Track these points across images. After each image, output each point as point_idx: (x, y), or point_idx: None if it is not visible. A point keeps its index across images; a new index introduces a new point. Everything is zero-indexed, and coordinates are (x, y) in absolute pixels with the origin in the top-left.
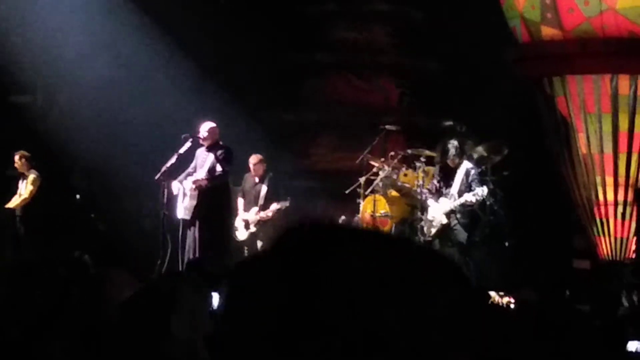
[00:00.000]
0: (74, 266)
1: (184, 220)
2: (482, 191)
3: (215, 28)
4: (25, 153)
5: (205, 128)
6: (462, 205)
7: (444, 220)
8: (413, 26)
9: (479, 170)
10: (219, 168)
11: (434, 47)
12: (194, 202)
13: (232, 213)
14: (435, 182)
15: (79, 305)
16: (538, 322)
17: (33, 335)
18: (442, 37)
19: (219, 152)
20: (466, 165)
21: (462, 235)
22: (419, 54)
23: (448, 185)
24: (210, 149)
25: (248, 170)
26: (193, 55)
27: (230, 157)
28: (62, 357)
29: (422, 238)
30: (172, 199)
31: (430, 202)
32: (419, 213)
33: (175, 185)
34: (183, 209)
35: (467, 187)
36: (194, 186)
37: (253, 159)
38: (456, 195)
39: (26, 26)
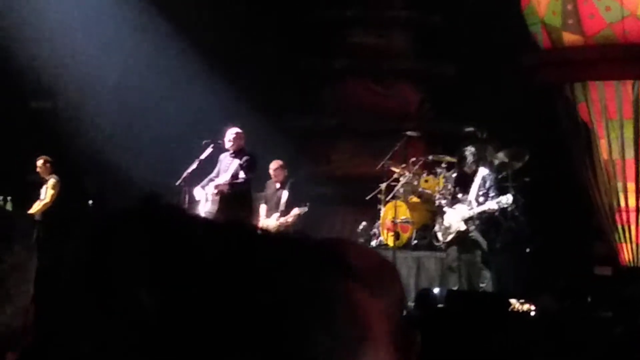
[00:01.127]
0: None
1: None
2: (506, 199)
3: (236, 33)
4: (48, 158)
5: (231, 133)
6: (482, 212)
7: (462, 227)
8: (432, 32)
9: (500, 176)
10: (242, 175)
11: (454, 53)
12: (216, 207)
13: (251, 220)
14: (450, 187)
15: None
16: (559, 329)
17: (50, 343)
18: (461, 42)
19: (244, 159)
20: (483, 172)
21: (481, 241)
22: (439, 59)
23: (465, 191)
24: (235, 154)
25: (269, 176)
26: (213, 61)
27: (255, 165)
28: None
29: (436, 244)
30: (193, 204)
31: (446, 208)
32: (439, 219)
33: (198, 191)
34: (204, 213)
35: (484, 194)
36: (215, 191)
37: (273, 165)
38: (474, 202)
39: (46, 32)
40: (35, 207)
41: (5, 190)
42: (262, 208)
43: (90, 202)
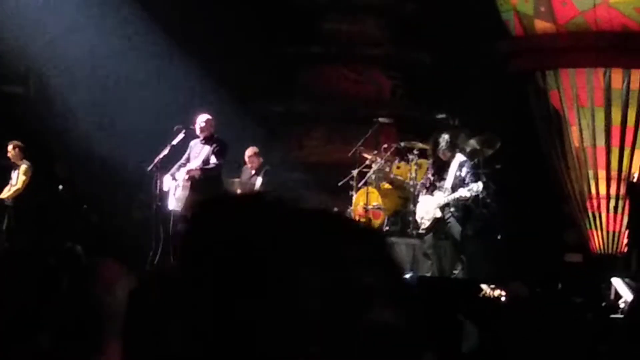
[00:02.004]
0: (65, 256)
1: (175, 211)
2: (477, 186)
3: (207, 19)
4: (19, 143)
5: (202, 119)
6: (456, 199)
7: (438, 214)
8: (406, 18)
9: (472, 163)
10: (213, 160)
11: (427, 40)
12: (186, 193)
13: None
14: (429, 175)
15: (67, 295)
16: (530, 314)
17: (20, 327)
18: (434, 29)
19: (215, 145)
20: (459, 158)
21: (456, 228)
22: (412, 46)
23: (442, 178)
24: (206, 140)
25: (244, 162)
26: (185, 47)
27: (225, 151)
28: (49, 348)
29: (414, 231)
30: (164, 190)
31: (424, 195)
32: (411, 206)
33: (167, 180)
34: (175, 201)
35: (461, 181)
36: (187, 176)
37: (248, 152)
38: (450, 189)
39: (18, 16)
40: (6, 193)
41: None
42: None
43: (60, 187)
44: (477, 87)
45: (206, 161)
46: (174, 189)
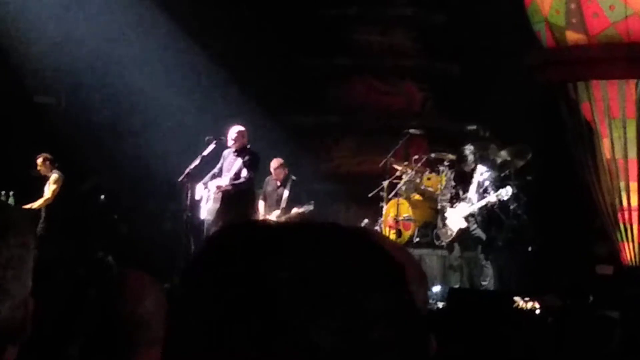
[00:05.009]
0: (96, 267)
1: (207, 221)
2: (505, 192)
3: (239, 31)
4: (48, 155)
5: (234, 131)
6: (481, 208)
7: (463, 225)
8: (436, 30)
9: (502, 174)
10: (244, 173)
11: (457, 51)
12: (217, 205)
13: (254, 217)
14: (451, 187)
15: (98, 305)
16: (561, 327)
17: (51, 337)
18: (464, 40)
19: (247, 157)
20: (481, 169)
21: (482, 238)
22: (442, 57)
23: (465, 190)
24: (238, 152)
25: (270, 173)
26: (217, 59)
27: (257, 163)
28: (80, 358)
29: (437, 242)
30: (195, 200)
31: (448, 207)
32: (439, 217)
33: (200, 189)
34: (206, 211)
35: (483, 190)
36: (217, 190)
37: (274, 163)
38: (474, 199)
39: (51, 27)
40: (38, 202)
41: (8, 185)
42: (261, 204)
43: (102, 197)
44: (507, 98)
45: (237, 174)
46: (206, 199)
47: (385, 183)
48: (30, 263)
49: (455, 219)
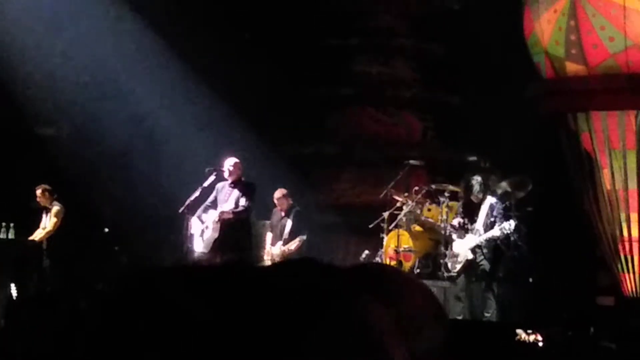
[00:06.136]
0: (97, 299)
1: (202, 253)
2: (508, 225)
3: (238, 61)
4: (47, 187)
5: (230, 163)
6: (488, 240)
7: (470, 256)
8: (436, 61)
9: (503, 205)
10: (243, 202)
11: (457, 82)
12: (215, 235)
13: (251, 247)
14: (459, 217)
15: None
16: (566, 358)
17: None
18: (465, 71)
19: (243, 188)
20: (490, 200)
21: (487, 270)
22: (442, 88)
23: (472, 220)
24: (234, 184)
25: (274, 204)
26: (216, 90)
27: (254, 193)
28: None
29: (446, 274)
30: (191, 233)
31: (455, 238)
32: (442, 248)
33: (195, 222)
34: (202, 242)
35: (492, 222)
36: (217, 219)
37: (276, 194)
38: (481, 231)
39: (52, 58)
40: (37, 235)
41: (8, 217)
42: (269, 236)
43: (106, 229)
44: (508, 129)
45: (236, 204)
46: (201, 232)
47: (386, 214)
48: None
49: (463, 250)
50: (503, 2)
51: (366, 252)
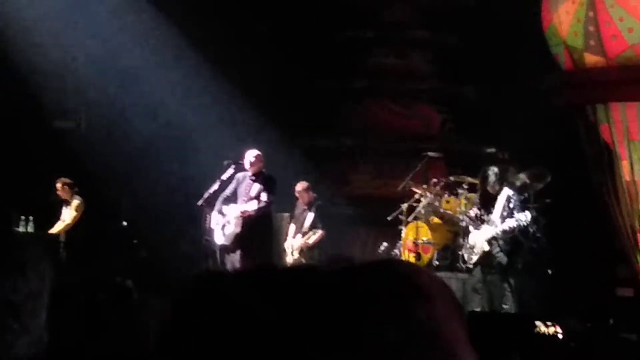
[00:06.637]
0: (115, 291)
1: (223, 246)
2: (524, 216)
3: (254, 54)
4: (67, 180)
5: (251, 155)
6: (504, 231)
7: (486, 247)
8: (453, 52)
9: (521, 197)
10: (264, 197)
11: (474, 73)
12: (238, 230)
13: (272, 241)
14: (475, 209)
15: (118, 329)
16: (582, 351)
17: None
18: (482, 63)
19: (265, 182)
20: (507, 191)
21: (504, 262)
22: (459, 80)
23: (489, 212)
24: (256, 177)
25: (293, 197)
26: (232, 82)
27: (275, 187)
28: None
29: (463, 265)
30: (211, 226)
31: (471, 229)
32: (461, 240)
33: (215, 216)
34: (223, 236)
35: (508, 214)
36: (239, 215)
37: (298, 187)
38: (498, 222)
39: (71, 52)
40: (57, 228)
41: (27, 210)
42: (291, 228)
43: (125, 223)
44: (526, 120)
45: (257, 198)
46: (222, 226)
47: (404, 206)
48: (46, 297)
49: (479, 241)
50: None
51: (385, 244)
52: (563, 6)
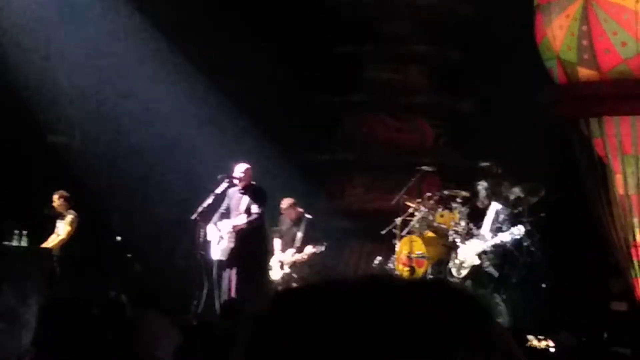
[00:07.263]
0: (110, 306)
1: (219, 261)
2: (518, 230)
3: (252, 68)
4: (65, 193)
5: (240, 169)
6: (495, 245)
7: (476, 262)
8: (449, 67)
9: (516, 211)
10: (255, 209)
11: (470, 88)
12: (232, 245)
13: (267, 254)
14: (463, 223)
15: (113, 345)
16: None
17: None
18: (478, 77)
19: (254, 193)
20: (495, 206)
21: (494, 276)
22: (455, 94)
23: (478, 226)
24: (245, 190)
25: (280, 213)
26: (229, 97)
27: (265, 198)
28: None
29: (451, 279)
30: (206, 240)
31: (459, 243)
32: (453, 254)
33: (211, 230)
34: (219, 251)
35: (498, 228)
36: (231, 229)
37: (283, 204)
38: (487, 236)
39: (65, 67)
40: (51, 242)
41: (21, 224)
42: (277, 242)
43: (119, 238)
44: (520, 134)
45: (248, 211)
46: (218, 240)
47: (398, 220)
48: (26, 316)
49: (469, 255)
50: (515, 8)
51: (379, 258)
52: (557, 20)
